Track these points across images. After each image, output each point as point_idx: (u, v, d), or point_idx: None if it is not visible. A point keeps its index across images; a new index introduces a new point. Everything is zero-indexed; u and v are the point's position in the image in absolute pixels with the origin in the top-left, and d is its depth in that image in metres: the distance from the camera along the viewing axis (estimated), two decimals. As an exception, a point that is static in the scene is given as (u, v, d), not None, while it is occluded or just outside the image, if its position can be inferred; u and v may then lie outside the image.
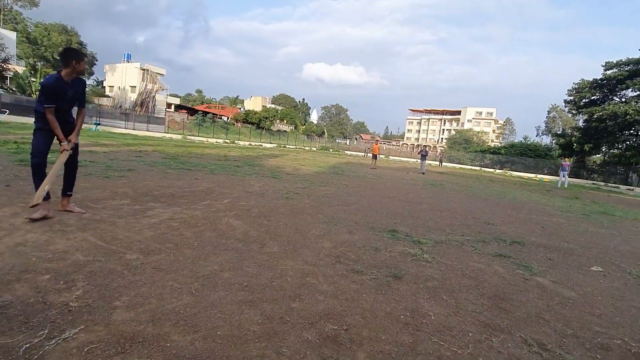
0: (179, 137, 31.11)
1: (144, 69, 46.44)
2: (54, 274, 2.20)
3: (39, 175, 3.39)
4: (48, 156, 3.54)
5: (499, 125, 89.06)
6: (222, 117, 57.60)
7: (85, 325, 1.70)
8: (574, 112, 40.48)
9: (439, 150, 57.47)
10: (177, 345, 1.63)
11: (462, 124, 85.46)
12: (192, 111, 52.88)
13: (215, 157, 13.40)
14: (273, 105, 78.23)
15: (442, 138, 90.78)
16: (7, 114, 22.55)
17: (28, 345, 1.51)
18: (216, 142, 31.54)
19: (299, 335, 1.84)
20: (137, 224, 3.53)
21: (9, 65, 30.22)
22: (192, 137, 33.15)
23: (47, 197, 3.39)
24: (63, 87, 3.35)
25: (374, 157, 20.44)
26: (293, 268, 2.82)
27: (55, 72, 3.45)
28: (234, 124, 52.51)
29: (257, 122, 55.39)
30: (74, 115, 3.71)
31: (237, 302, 2.13)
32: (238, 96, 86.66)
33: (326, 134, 74.46)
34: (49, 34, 45.89)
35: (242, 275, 2.54)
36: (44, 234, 2.93)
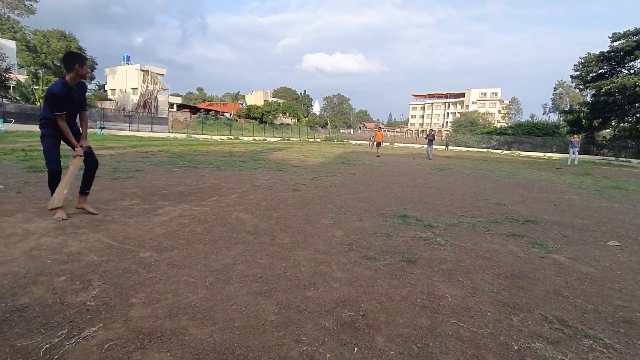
0: (183, 136, 31.21)
1: (144, 70, 46.45)
2: (69, 275, 2.22)
3: (55, 181, 3.48)
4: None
5: (505, 105, 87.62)
6: (225, 113, 57.57)
7: (103, 323, 1.71)
8: (581, 87, 39.58)
9: (444, 135, 56.86)
10: (195, 338, 1.63)
11: (467, 106, 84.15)
12: (194, 110, 52.92)
13: (220, 153, 13.42)
14: (275, 99, 77.90)
15: (447, 122, 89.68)
16: (13, 123, 22.81)
17: (48, 345, 1.52)
18: (220, 139, 31.60)
19: (317, 323, 1.84)
20: (148, 222, 3.54)
21: (11, 74, 30.46)
22: (196, 136, 33.24)
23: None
24: (70, 92, 3.38)
25: (378, 144, 20.23)
26: (306, 258, 2.81)
27: (60, 78, 3.45)
28: (236, 120, 52.47)
29: (259, 117, 55.26)
30: (76, 120, 3.73)
31: (252, 293, 2.13)
32: (239, 92, 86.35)
33: (329, 124, 74.08)
34: (48, 41, 46.05)
35: (256, 267, 2.54)
36: (57, 237, 2.95)
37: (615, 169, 19.65)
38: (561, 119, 49.55)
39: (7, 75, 28.91)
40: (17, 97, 31.71)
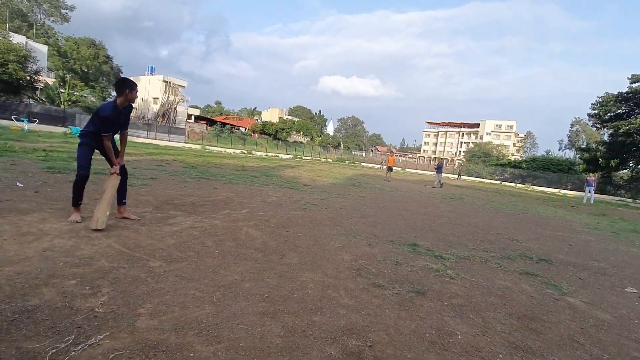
0: (198, 147, 31.80)
1: (166, 82, 48.09)
2: (80, 279, 2.24)
3: (82, 186, 3.66)
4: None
5: (520, 138, 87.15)
6: (240, 128, 58.70)
7: (110, 331, 1.70)
8: (598, 125, 39.12)
9: (456, 164, 56.53)
10: (200, 355, 1.61)
11: (481, 137, 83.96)
12: (211, 122, 54.15)
13: (233, 167, 13.59)
14: (290, 117, 79.24)
15: (460, 151, 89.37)
16: (37, 123, 23.65)
17: (55, 350, 1.52)
18: (233, 152, 32.07)
19: (322, 350, 1.79)
20: (159, 231, 3.57)
21: (40, 77, 31.86)
22: (210, 147, 33.82)
23: (78, 203, 3.65)
24: (118, 115, 3.63)
25: (389, 169, 20.20)
26: (313, 280, 2.77)
27: (110, 101, 3.69)
28: (251, 135, 53.38)
29: (273, 133, 56.13)
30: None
31: (259, 313, 2.10)
32: (256, 108, 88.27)
33: (342, 145, 74.63)
34: (78, 48, 48.30)
35: (263, 286, 2.52)
36: (70, 239, 3.00)
37: (633, 211, 19.09)
38: (577, 156, 48.81)
39: (36, 77, 30.25)
40: (43, 99, 33.04)
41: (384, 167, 22.43)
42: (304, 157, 42.00)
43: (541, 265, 4.23)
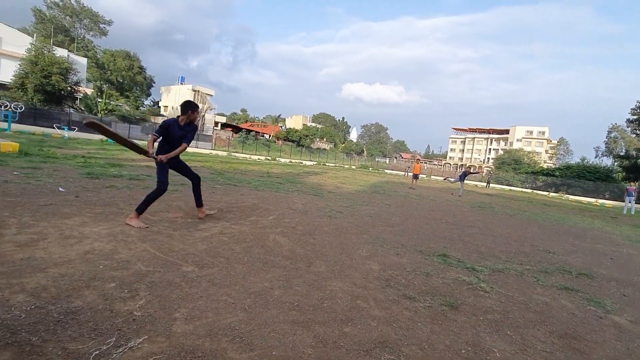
0: (225, 153, 32.62)
1: (195, 90, 49.88)
2: (119, 282, 2.33)
3: (156, 198, 4.06)
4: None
5: (552, 145, 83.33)
6: (264, 134, 59.77)
7: (148, 335, 1.75)
8: (638, 132, 36.85)
9: (485, 171, 54.73)
10: (234, 363, 1.62)
11: (511, 143, 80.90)
12: (236, 129, 55.50)
13: (258, 173, 13.81)
14: (313, 124, 79.87)
15: (488, 158, 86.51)
16: (76, 131, 25.12)
17: (98, 352, 1.58)
18: (258, 159, 32.63)
19: (355, 363, 1.76)
20: (190, 237, 3.67)
21: (80, 87, 33.91)
22: (236, 154, 34.61)
23: (143, 212, 3.98)
24: (175, 127, 4.11)
25: (415, 176, 19.73)
26: (342, 290, 2.74)
27: (175, 117, 4.21)
28: (275, 142, 54.19)
29: (297, 140, 56.71)
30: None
31: (290, 322, 2.10)
32: (280, 115, 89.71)
33: (365, 152, 74.23)
34: (114, 60, 51.13)
35: (292, 294, 2.52)
36: (109, 243, 3.13)
37: (682, 223, 17.67)
38: (616, 164, 46.00)
39: (76, 88, 32.22)
40: (82, 108, 35.10)
41: (409, 174, 21.87)
42: (327, 164, 42.09)
43: (581, 280, 3.99)
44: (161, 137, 4.08)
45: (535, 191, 39.28)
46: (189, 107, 4.17)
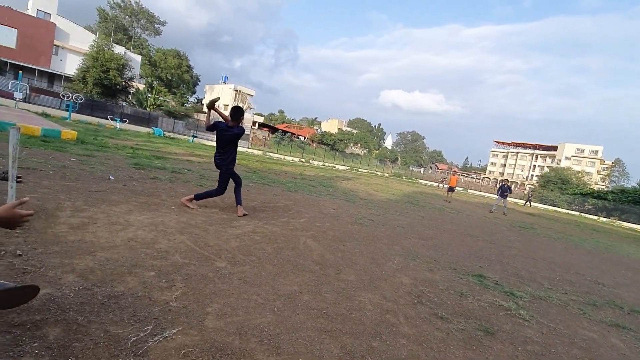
0: (260, 152, 33.42)
1: (237, 90, 51.68)
2: (157, 272, 2.43)
3: (212, 197, 4.99)
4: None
5: (606, 166, 76.99)
6: (300, 136, 60.54)
7: (182, 327, 1.81)
8: None
9: (527, 188, 51.67)
10: (261, 365, 1.62)
11: (559, 161, 75.75)
12: (273, 129, 56.69)
13: (291, 174, 13.99)
14: (349, 129, 79.73)
15: (532, 175, 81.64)
16: (127, 123, 26.89)
17: (135, 338, 1.65)
18: (292, 160, 33.08)
19: (382, 381, 1.70)
20: (224, 233, 3.77)
21: (133, 82, 36.30)
22: (270, 154, 35.33)
23: (198, 198, 4.77)
24: (225, 128, 4.78)
25: (451, 189, 18.92)
26: (371, 302, 2.68)
27: (224, 122, 4.88)
28: (309, 144, 54.71)
29: (332, 144, 56.87)
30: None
31: (317, 329, 2.08)
32: (316, 118, 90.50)
33: (400, 160, 72.87)
34: (165, 58, 54.17)
35: (321, 301, 2.50)
36: (150, 232, 3.29)
37: None
38: (681, 191, 41.57)
39: (130, 83, 34.55)
40: (134, 102, 37.51)
41: (445, 186, 20.91)
42: (360, 170, 41.79)
43: (634, 318, 3.63)
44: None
45: (582, 214, 36.46)
46: (240, 114, 4.85)
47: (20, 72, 21.46)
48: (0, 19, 31.52)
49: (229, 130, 4.74)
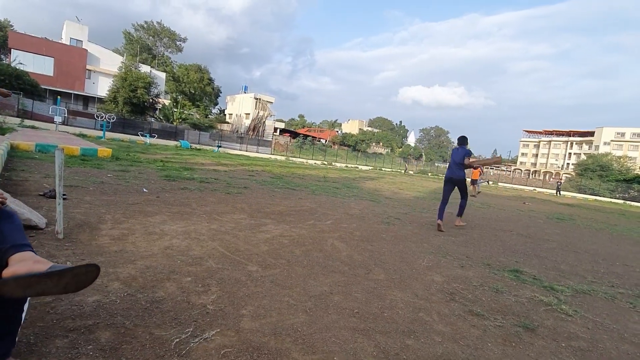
0: (283, 158, 33.89)
1: (257, 98, 52.70)
2: (193, 277, 2.54)
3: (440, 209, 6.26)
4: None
5: (651, 148, 71.65)
6: (321, 139, 60.78)
7: (220, 328, 1.88)
8: None
9: (562, 177, 49.03)
10: (297, 364, 1.66)
11: (597, 147, 71.36)
12: (294, 134, 57.30)
13: (315, 178, 14.08)
14: (369, 129, 79.14)
15: (568, 163, 77.42)
16: (156, 138, 28.12)
17: (178, 340, 1.74)
18: (315, 163, 33.28)
19: (419, 379, 1.69)
20: (254, 238, 3.87)
21: (159, 99, 37.96)
22: (293, 159, 35.72)
23: (461, 214, 6.54)
24: (455, 151, 6.42)
25: (473, 182, 18.10)
26: (403, 300, 2.66)
27: (460, 147, 6.37)
28: (331, 146, 54.78)
29: (353, 145, 56.70)
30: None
31: (350, 328, 2.10)
32: (336, 120, 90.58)
33: (424, 157, 71.38)
34: (188, 73, 56.22)
35: (352, 301, 2.51)
36: (184, 240, 3.44)
37: None
38: None
39: (156, 100, 36.15)
40: (161, 117, 39.18)
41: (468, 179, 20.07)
42: (383, 169, 41.32)
43: (695, 311, 3.36)
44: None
45: (627, 202, 34.11)
46: (466, 141, 6.38)
47: (59, 97, 23.05)
48: (38, 49, 34.00)
49: (460, 150, 6.26)
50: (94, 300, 1.98)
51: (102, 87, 37.13)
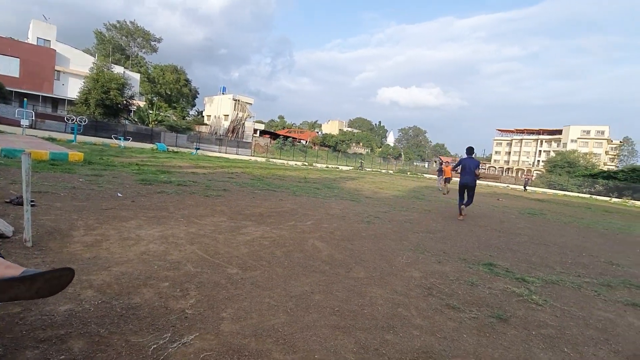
0: (263, 159, 33.60)
1: (235, 100, 52.00)
2: (171, 282, 2.50)
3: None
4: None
5: (614, 145, 75.94)
6: (301, 140, 60.70)
7: (199, 332, 1.86)
8: None
9: (529, 173, 51.10)
10: (278, 364, 1.67)
11: (564, 144, 74.88)
12: (274, 136, 56.93)
13: (296, 179, 14.06)
14: (350, 129, 79.78)
15: (538, 160, 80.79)
16: (131, 140, 27.25)
17: (155, 346, 1.71)
18: (295, 164, 33.20)
19: (397, 372, 1.74)
20: (234, 240, 3.83)
21: (134, 100, 36.77)
22: (274, 160, 35.49)
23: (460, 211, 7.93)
24: (468, 159, 7.88)
25: (447, 180, 17.23)
26: (382, 297, 2.72)
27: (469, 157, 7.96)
28: (312, 147, 54.81)
29: (333, 145, 56.93)
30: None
31: (331, 326, 2.12)
32: (317, 121, 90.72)
33: (403, 156, 72.65)
34: (163, 74, 54.81)
35: (333, 299, 2.54)
36: (161, 245, 3.36)
37: None
38: (693, 165, 40.84)
39: (131, 102, 35.00)
40: (136, 120, 37.97)
41: (441, 178, 20.33)
42: (364, 169, 41.74)
43: (652, 296, 3.60)
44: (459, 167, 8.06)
45: (593, 196, 36.00)
46: (474, 151, 7.93)
47: (25, 99, 21.91)
48: (3, 49, 32.24)
49: (470, 161, 7.78)
50: (66, 309, 1.92)
51: (72, 89, 35.58)
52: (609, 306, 3.13)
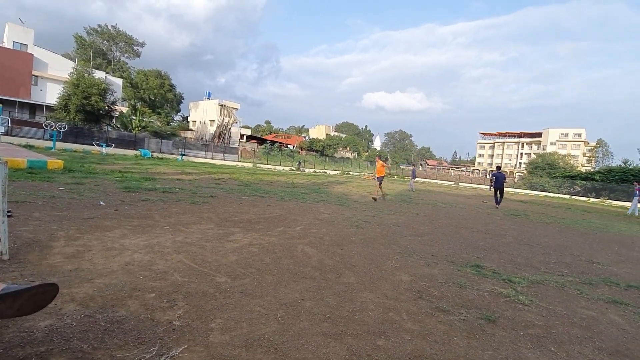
0: (250, 165, 33.35)
1: (221, 105, 51.55)
2: (158, 293, 2.43)
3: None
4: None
5: (590, 147, 78.74)
6: (289, 145, 60.58)
7: (187, 345, 1.82)
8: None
9: (512, 175, 52.38)
10: (270, 374, 1.64)
11: (544, 147, 77.23)
12: (261, 141, 56.64)
13: (283, 184, 14.00)
14: (336, 133, 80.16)
15: (520, 163, 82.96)
16: (113, 147, 26.62)
17: None
18: (283, 169, 33.08)
19: (390, 378, 1.73)
20: (222, 248, 3.77)
21: (116, 106, 36.01)
22: (261, 165, 35.29)
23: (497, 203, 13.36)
24: (498, 174, 13.72)
25: (379, 179, 12.09)
26: (373, 301, 2.72)
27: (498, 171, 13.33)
28: (299, 152, 54.77)
29: (321, 150, 57.04)
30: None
31: (322, 333, 2.10)
32: (303, 125, 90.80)
33: (389, 160, 73.39)
34: (147, 79, 53.91)
35: (323, 306, 2.52)
36: (147, 254, 3.28)
37: None
38: (664, 165, 42.66)
39: (113, 107, 34.25)
40: (118, 126, 37.16)
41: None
42: (351, 173, 41.97)
43: (631, 293, 3.73)
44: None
45: (573, 197, 37.16)
46: (500, 167, 13.31)
47: (1, 105, 21.15)
48: (-25, 53, 31.12)
49: (499, 174, 12.52)
50: (47, 325, 1.84)
51: (51, 94, 34.57)
52: (592, 304, 3.22)
